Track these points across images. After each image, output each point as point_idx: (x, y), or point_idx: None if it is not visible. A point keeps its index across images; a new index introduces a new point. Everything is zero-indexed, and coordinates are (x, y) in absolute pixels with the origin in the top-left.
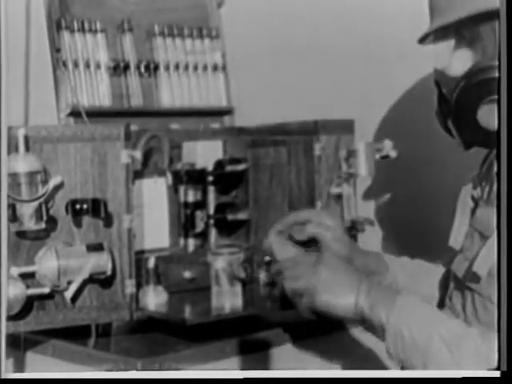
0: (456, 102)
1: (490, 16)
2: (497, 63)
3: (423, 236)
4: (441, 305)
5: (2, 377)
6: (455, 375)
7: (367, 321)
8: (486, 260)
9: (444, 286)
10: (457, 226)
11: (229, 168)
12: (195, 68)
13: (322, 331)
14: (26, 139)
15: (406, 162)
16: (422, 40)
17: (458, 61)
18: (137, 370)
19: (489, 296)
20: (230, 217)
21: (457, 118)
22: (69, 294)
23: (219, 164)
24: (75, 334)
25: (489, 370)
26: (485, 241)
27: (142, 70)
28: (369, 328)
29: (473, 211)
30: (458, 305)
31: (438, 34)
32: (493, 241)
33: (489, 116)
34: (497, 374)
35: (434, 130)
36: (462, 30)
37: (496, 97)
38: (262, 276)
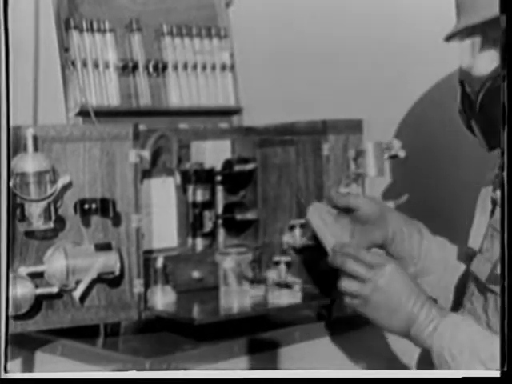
0: (481, 103)
1: None
2: None
3: (442, 236)
4: (457, 306)
5: (9, 376)
6: (455, 375)
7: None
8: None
9: (462, 286)
10: (476, 227)
11: (237, 168)
12: (204, 68)
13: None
14: (35, 139)
15: (425, 162)
16: (449, 38)
17: (483, 60)
18: (145, 369)
19: None
20: (238, 216)
21: (482, 119)
22: (77, 294)
23: (228, 164)
24: (84, 333)
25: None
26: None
27: (151, 69)
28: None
29: (492, 212)
30: (480, 307)
31: (464, 33)
32: None
33: None
34: (497, 374)
35: (454, 129)
36: (487, 30)
37: None
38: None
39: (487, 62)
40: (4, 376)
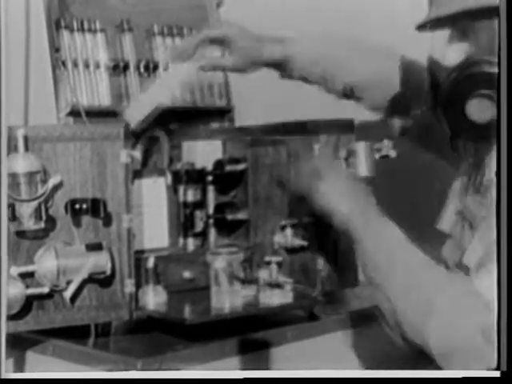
0: (446, 93)
1: (485, 12)
2: (489, 58)
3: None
4: None
5: (2, 377)
6: (455, 375)
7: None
8: (475, 251)
9: None
10: (447, 211)
11: (228, 168)
12: None
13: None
14: (26, 139)
15: (415, 162)
16: (420, 28)
17: (452, 51)
18: (136, 369)
19: (478, 287)
20: (229, 216)
21: (446, 109)
22: (68, 294)
23: (219, 164)
24: (75, 333)
25: (489, 369)
26: (473, 231)
27: (142, 69)
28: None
29: (463, 200)
30: None
31: (435, 23)
32: (481, 232)
33: (477, 109)
34: (497, 374)
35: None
36: (458, 22)
37: (486, 91)
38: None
39: (457, 52)
40: (4, 376)
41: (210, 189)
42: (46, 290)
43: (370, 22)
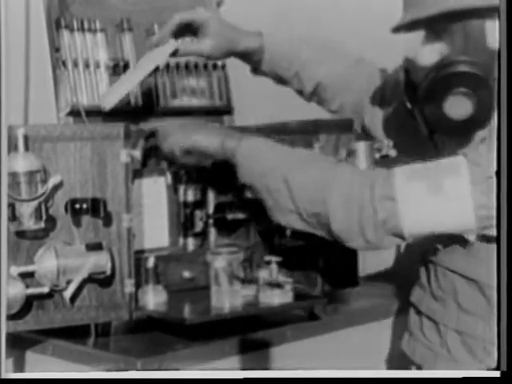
0: (425, 92)
1: (459, 14)
2: (464, 58)
3: None
4: None
5: (2, 377)
6: (455, 375)
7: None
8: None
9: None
10: None
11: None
12: (195, 67)
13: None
14: (26, 138)
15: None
16: (395, 30)
17: (427, 51)
18: (136, 369)
19: (446, 264)
20: (229, 216)
21: (424, 107)
22: (68, 294)
23: (218, 163)
24: (74, 333)
25: (489, 369)
26: None
27: None
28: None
29: None
30: (424, 278)
31: (410, 25)
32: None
33: (455, 107)
34: (497, 374)
35: None
36: (432, 24)
37: (462, 89)
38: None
39: (432, 53)
40: (4, 376)
41: (210, 188)
42: (45, 289)
43: (347, 25)
